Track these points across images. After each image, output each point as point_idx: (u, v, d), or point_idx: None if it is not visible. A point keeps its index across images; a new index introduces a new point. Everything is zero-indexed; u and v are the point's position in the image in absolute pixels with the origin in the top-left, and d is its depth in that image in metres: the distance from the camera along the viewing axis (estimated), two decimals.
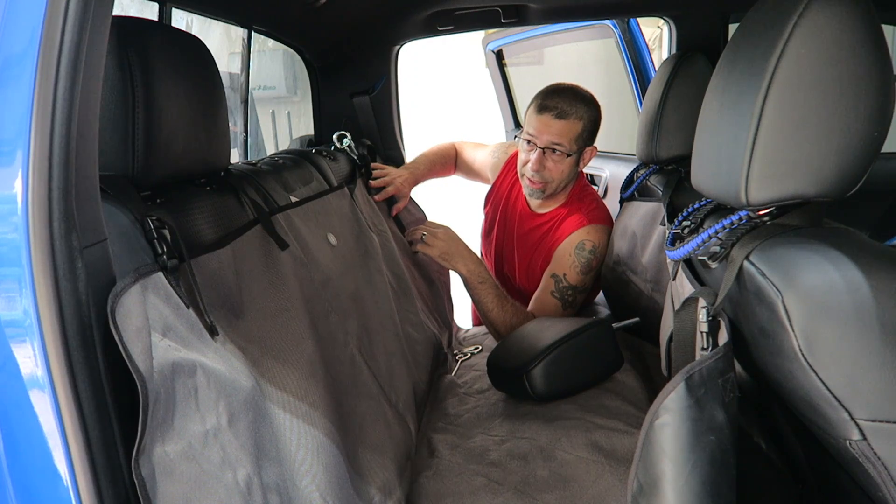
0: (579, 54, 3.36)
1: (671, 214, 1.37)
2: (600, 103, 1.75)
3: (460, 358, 1.73)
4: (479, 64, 3.13)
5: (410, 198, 1.96)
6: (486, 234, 2.04)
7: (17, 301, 0.58)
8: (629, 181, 1.84)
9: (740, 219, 0.75)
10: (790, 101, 0.65)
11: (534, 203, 1.83)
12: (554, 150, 1.66)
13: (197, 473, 0.69)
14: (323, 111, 2.02)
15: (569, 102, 1.65)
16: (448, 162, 2.14)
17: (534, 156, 1.68)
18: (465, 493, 1.09)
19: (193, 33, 0.92)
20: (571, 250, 1.71)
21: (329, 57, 1.96)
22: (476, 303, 1.69)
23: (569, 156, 1.68)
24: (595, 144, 1.75)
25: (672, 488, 0.66)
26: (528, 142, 1.69)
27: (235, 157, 1.82)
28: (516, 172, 1.83)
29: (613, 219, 1.83)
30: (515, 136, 1.78)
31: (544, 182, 1.71)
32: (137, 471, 0.62)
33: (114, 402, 0.62)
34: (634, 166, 1.86)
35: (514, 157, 1.90)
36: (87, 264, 0.59)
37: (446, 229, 1.71)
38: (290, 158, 1.43)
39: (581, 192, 1.82)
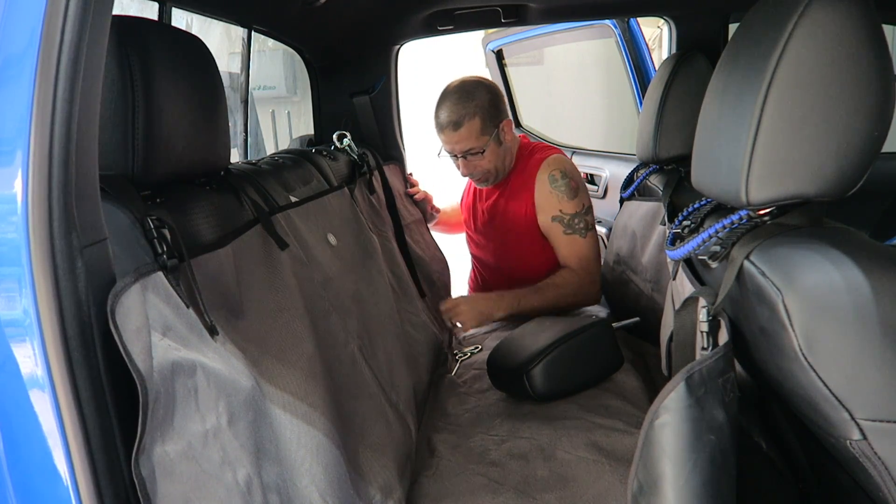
0: (579, 54, 3.36)
1: (671, 214, 1.37)
2: (600, 103, 1.77)
3: (460, 358, 1.73)
4: (479, 64, 3.13)
5: (409, 197, 2.04)
6: (470, 229, 2.10)
7: (17, 300, 0.58)
8: (629, 181, 1.84)
9: (740, 218, 0.75)
10: (790, 101, 0.65)
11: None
12: (473, 154, 1.77)
13: (197, 473, 0.69)
14: (323, 111, 2.02)
15: (456, 109, 1.73)
16: (461, 215, 2.22)
17: (460, 164, 1.81)
18: (465, 492, 1.09)
19: (193, 33, 0.92)
20: (548, 188, 1.77)
21: (329, 57, 1.96)
22: (531, 314, 1.71)
23: (483, 151, 1.76)
24: (506, 116, 1.81)
25: (672, 488, 0.66)
26: (451, 155, 1.82)
27: (235, 156, 1.82)
28: None
29: (612, 219, 1.84)
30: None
31: (484, 175, 1.83)
32: (137, 470, 0.62)
33: (114, 402, 0.62)
34: (634, 166, 1.86)
35: None
36: (86, 264, 0.59)
37: (463, 299, 1.76)
38: (290, 158, 1.43)
39: (525, 150, 1.88)
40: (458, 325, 1.72)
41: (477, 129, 1.74)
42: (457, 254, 2.36)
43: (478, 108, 1.74)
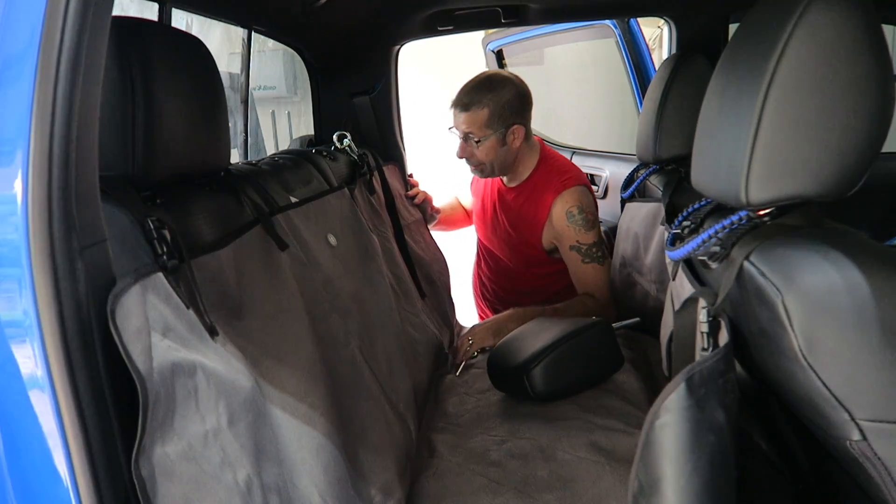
0: (579, 54, 3.36)
1: (671, 214, 1.37)
2: (599, 103, 1.76)
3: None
4: (479, 64, 3.13)
5: (408, 198, 2.05)
6: (479, 217, 2.12)
7: (17, 301, 0.58)
8: (629, 181, 1.84)
9: (740, 219, 0.75)
10: (790, 101, 0.65)
11: (505, 178, 1.94)
12: (470, 138, 1.80)
13: (197, 474, 0.69)
14: (323, 111, 2.02)
15: (472, 94, 1.77)
16: (459, 213, 2.27)
17: (458, 144, 1.84)
18: (466, 493, 1.09)
19: (193, 33, 0.92)
20: (565, 223, 1.78)
21: (329, 57, 1.95)
22: None
23: (479, 141, 1.77)
24: (521, 124, 1.79)
25: (673, 489, 0.66)
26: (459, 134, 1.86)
27: (235, 157, 1.83)
28: None
29: (612, 219, 1.85)
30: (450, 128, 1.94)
31: (477, 165, 1.85)
32: (137, 471, 0.62)
33: (114, 403, 0.62)
34: (634, 166, 1.86)
35: None
36: (86, 265, 0.59)
37: (473, 327, 1.78)
38: (290, 158, 1.43)
39: (543, 164, 1.88)
40: (470, 349, 1.70)
41: (482, 119, 1.76)
42: (457, 254, 2.36)
43: (492, 101, 1.75)
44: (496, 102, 1.75)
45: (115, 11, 0.65)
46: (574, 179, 1.82)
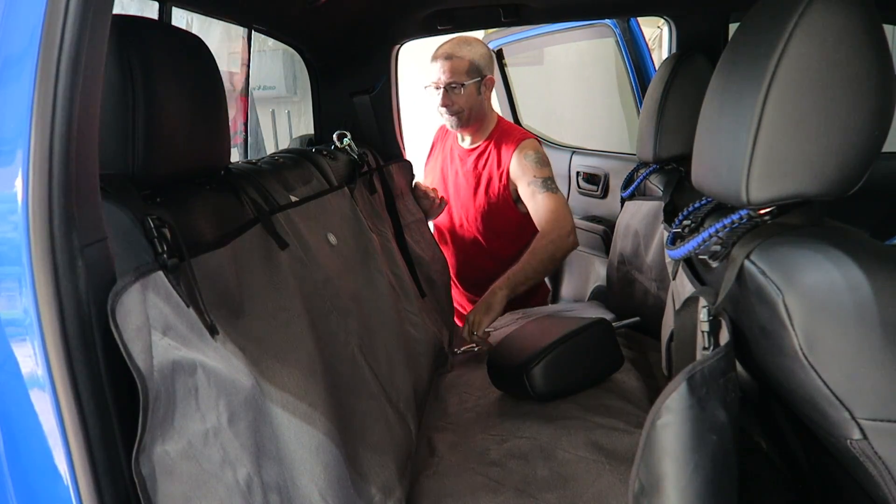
0: (579, 54, 3.36)
1: (672, 214, 1.37)
2: (600, 103, 1.77)
3: (462, 353, 1.74)
4: None
5: (413, 195, 2.08)
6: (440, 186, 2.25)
7: (18, 300, 0.58)
8: (629, 180, 1.84)
9: (741, 218, 0.75)
10: (791, 101, 0.65)
11: (465, 142, 2.12)
12: (453, 87, 1.96)
13: (197, 472, 0.69)
14: (323, 111, 2.02)
15: (453, 47, 1.98)
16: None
17: (440, 95, 1.99)
18: (466, 492, 1.09)
19: (194, 32, 0.92)
20: (523, 162, 1.99)
21: (329, 56, 1.96)
22: (527, 282, 1.83)
23: (463, 85, 1.95)
24: (492, 75, 2.03)
25: (674, 488, 0.66)
26: (435, 88, 2.00)
27: (235, 156, 1.83)
28: (447, 132, 2.21)
29: (613, 219, 1.85)
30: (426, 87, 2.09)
31: (457, 113, 2.00)
32: (137, 469, 0.62)
33: (114, 401, 0.62)
34: (634, 165, 1.86)
35: (442, 127, 2.27)
36: (87, 263, 0.59)
37: (466, 317, 1.80)
38: (290, 158, 1.43)
39: (501, 127, 2.10)
40: (473, 332, 1.72)
41: (464, 67, 1.95)
42: None
43: (470, 53, 1.96)
44: (474, 54, 1.97)
45: (115, 11, 0.65)
46: (530, 135, 2.06)
